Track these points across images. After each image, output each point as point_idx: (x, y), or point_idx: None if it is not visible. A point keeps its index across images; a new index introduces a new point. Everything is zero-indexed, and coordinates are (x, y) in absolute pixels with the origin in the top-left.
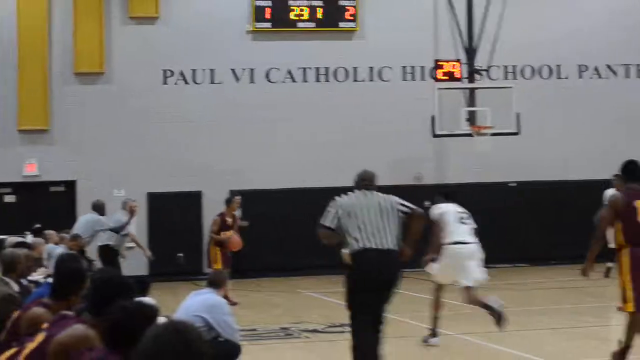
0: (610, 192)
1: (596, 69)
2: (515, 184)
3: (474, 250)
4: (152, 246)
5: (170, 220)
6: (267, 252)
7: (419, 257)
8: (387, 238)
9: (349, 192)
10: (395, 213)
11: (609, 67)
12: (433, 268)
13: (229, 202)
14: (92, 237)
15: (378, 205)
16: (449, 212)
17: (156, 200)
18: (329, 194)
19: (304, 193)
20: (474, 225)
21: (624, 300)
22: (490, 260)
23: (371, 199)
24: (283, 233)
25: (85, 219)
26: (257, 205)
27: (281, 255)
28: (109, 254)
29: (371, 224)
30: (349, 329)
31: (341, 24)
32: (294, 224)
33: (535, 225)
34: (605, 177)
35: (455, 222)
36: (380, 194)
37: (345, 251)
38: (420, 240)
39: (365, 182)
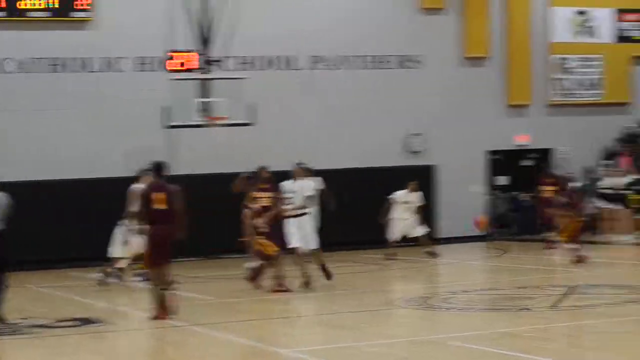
0: (135, 186)
1: (329, 60)
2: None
3: None
4: None
5: None
6: None
7: None
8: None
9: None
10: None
11: (341, 58)
12: None
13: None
14: None
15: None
16: None
17: None
18: (68, 185)
19: (41, 186)
20: None
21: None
22: (222, 250)
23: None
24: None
25: None
26: None
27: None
28: None
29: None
30: (79, 323)
31: (75, 14)
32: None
33: None
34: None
35: None
36: None
37: None
38: None
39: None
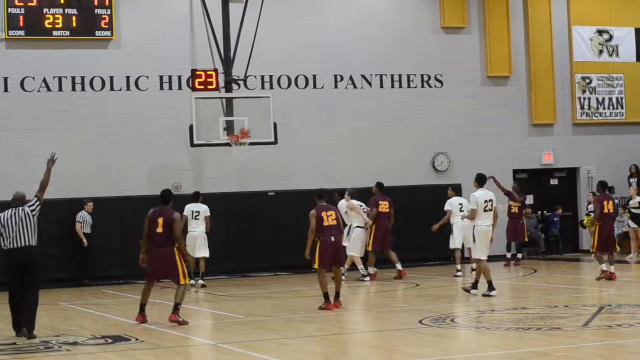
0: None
1: (351, 79)
2: (273, 193)
3: None
4: None
5: None
6: None
7: None
8: (26, 239)
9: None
10: (31, 217)
11: (363, 77)
12: None
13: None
14: None
15: (20, 217)
16: None
17: None
18: (97, 203)
19: (68, 204)
20: None
21: None
22: (251, 268)
23: (16, 213)
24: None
25: None
26: None
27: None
28: None
29: (14, 231)
30: (110, 340)
31: (97, 32)
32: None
33: (294, 233)
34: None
35: None
36: (23, 207)
37: None
38: None
39: (15, 201)
